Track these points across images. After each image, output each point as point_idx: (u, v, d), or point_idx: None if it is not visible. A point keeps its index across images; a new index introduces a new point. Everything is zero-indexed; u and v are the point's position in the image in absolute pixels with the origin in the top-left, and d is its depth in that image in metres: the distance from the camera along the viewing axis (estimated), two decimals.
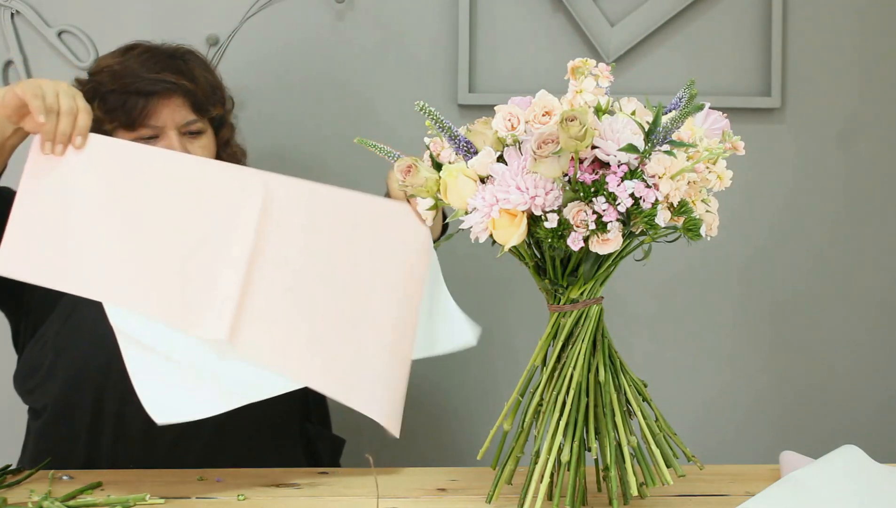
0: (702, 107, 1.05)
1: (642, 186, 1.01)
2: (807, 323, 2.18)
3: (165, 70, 1.57)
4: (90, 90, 1.57)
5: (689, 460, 1.20)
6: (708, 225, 1.10)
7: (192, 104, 1.57)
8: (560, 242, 1.04)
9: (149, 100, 1.55)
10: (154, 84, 1.55)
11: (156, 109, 1.56)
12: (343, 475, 1.31)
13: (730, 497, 1.20)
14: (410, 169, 1.11)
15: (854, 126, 2.17)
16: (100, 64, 1.62)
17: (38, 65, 2.10)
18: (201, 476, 1.29)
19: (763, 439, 2.18)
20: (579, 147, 1.01)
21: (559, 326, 1.13)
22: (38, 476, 1.30)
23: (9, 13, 2.07)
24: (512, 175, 1.05)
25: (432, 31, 2.10)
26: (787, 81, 2.15)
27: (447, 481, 1.27)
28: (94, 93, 1.56)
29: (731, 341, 2.18)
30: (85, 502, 1.17)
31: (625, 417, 1.14)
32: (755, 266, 2.17)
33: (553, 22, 2.12)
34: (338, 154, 2.12)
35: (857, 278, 2.19)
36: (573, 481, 1.13)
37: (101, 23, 2.10)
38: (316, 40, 2.11)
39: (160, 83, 1.55)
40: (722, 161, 1.09)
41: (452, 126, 1.10)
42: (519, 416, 1.17)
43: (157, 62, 1.58)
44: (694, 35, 2.13)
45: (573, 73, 1.08)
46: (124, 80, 1.56)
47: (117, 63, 1.59)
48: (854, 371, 2.18)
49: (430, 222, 1.16)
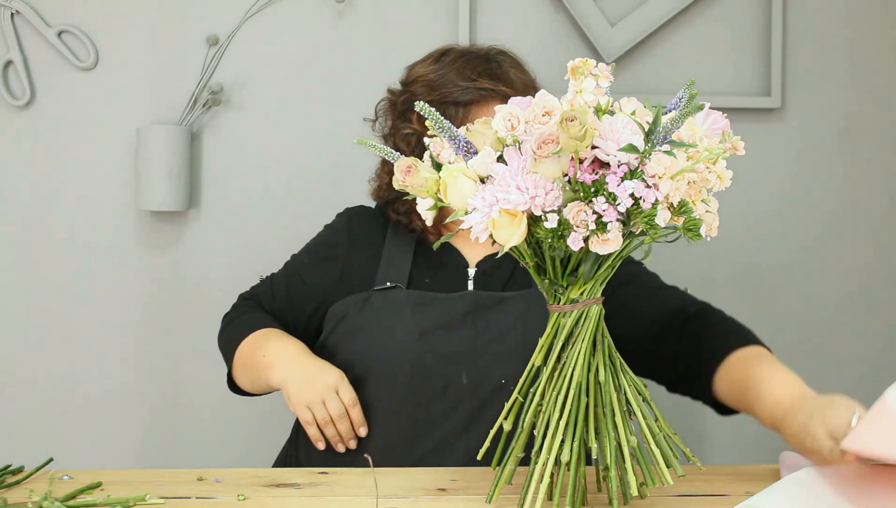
0: (702, 107, 1.05)
1: (642, 186, 1.01)
2: (807, 322, 2.19)
3: (482, 76, 1.55)
4: (405, 101, 1.59)
5: (689, 460, 1.20)
6: (708, 225, 1.09)
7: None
8: (560, 242, 1.04)
9: (468, 108, 1.55)
10: (470, 92, 1.54)
11: (473, 116, 1.54)
12: (343, 475, 1.31)
13: (730, 497, 1.20)
14: (410, 169, 1.11)
15: (854, 126, 2.17)
16: (413, 73, 1.62)
17: (38, 65, 2.10)
18: (201, 477, 1.29)
19: (763, 439, 2.18)
20: (579, 147, 1.01)
21: (559, 326, 1.13)
22: (37, 476, 1.30)
23: (9, 13, 2.07)
24: (512, 175, 1.05)
25: (432, 31, 2.10)
26: (787, 81, 2.15)
27: (447, 481, 1.27)
28: (409, 103, 1.58)
29: None
30: (85, 502, 1.17)
31: (625, 417, 1.14)
32: (755, 265, 2.17)
33: (553, 22, 2.12)
34: (338, 154, 2.12)
35: (856, 277, 2.19)
36: (573, 481, 1.13)
37: (101, 23, 2.10)
38: (316, 40, 2.11)
39: (477, 91, 1.54)
40: (722, 161, 1.09)
41: (452, 126, 1.10)
42: (519, 416, 1.17)
43: (473, 68, 1.57)
44: (694, 35, 2.13)
45: (573, 73, 1.08)
46: (440, 90, 1.56)
47: (431, 72, 1.59)
48: (854, 371, 2.19)
49: (430, 221, 1.16)
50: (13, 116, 2.11)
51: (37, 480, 1.28)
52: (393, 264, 1.58)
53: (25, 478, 1.28)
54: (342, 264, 1.60)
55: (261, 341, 1.54)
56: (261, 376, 1.52)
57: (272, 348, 1.52)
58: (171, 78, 2.11)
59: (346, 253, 1.61)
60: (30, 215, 2.13)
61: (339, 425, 1.45)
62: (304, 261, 1.64)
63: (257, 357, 1.53)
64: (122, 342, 2.14)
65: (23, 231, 2.13)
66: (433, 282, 1.55)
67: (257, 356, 1.53)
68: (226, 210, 2.13)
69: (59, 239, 2.13)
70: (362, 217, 1.66)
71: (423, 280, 1.56)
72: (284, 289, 1.63)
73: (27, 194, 2.13)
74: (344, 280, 1.58)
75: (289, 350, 1.51)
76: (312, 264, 1.63)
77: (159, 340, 2.15)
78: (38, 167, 2.12)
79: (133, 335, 2.14)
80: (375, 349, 1.50)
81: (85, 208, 2.13)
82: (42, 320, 2.15)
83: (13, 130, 2.11)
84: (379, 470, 1.29)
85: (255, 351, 1.54)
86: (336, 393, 1.45)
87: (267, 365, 1.50)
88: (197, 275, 2.15)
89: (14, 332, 2.14)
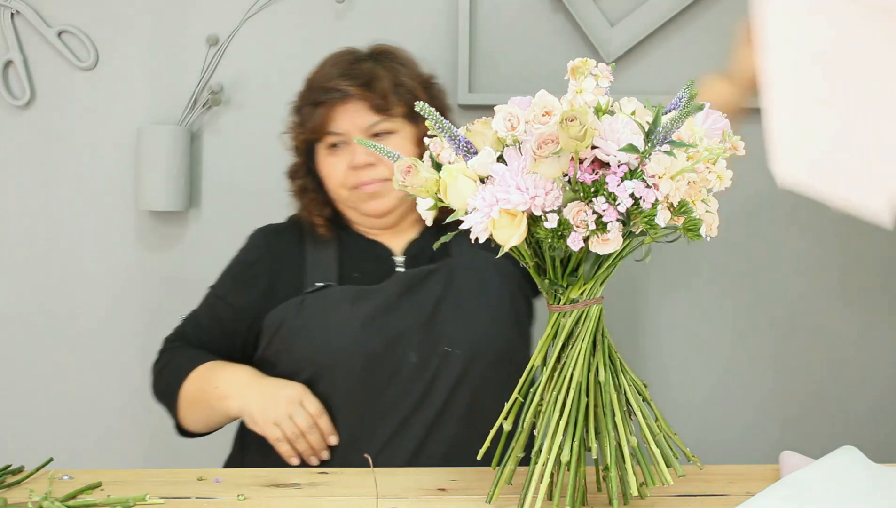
0: (702, 107, 1.05)
1: (642, 186, 1.01)
2: (807, 323, 2.18)
3: (343, 76, 1.59)
4: (294, 108, 1.65)
5: (689, 460, 1.20)
6: (708, 225, 1.10)
7: (372, 106, 1.57)
8: (560, 242, 1.04)
9: (330, 108, 1.58)
10: (328, 93, 1.58)
11: (336, 116, 1.58)
12: (343, 475, 1.31)
13: (730, 497, 1.20)
14: (410, 169, 1.11)
15: None
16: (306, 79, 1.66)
17: (38, 65, 2.10)
18: (201, 477, 1.29)
19: (763, 439, 2.18)
20: (579, 147, 1.01)
21: (559, 326, 1.13)
22: (37, 476, 1.30)
23: (9, 13, 2.07)
24: (512, 175, 1.05)
25: (432, 32, 2.10)
26: None
27: (447, 481, 1.27)
28: (296, 108, 1.65)
29: (731, 340, 2.18)
30: (85, 502, 1.17)
31: (625, 417, 1.14)
32: (755, 266, 2.17)
33: (553, 22, 2.12)
34: None
35: (857, 279, 2.19)
36: (573, 481, 1.13)
37: (101, 23, 2.10)
38: (316, 40, 2.11)
39: (334, 91, 1.58)
40: (722, 161, 1.09)
41: (452, 126, 1.10)
42: (519, 416, 1.17)
43: (340, 68, 1.60)
44: (694, 35, 2.13)
45: (573, 73, 1.08)
46: (310, 93, 1.62)
47: (313, 74, 1.64)
48: (854, 373, 2.19)
49: (430, 222, 1.16)
50: (13, 116, 2.11)
51: (37, 480, 1.28)
52: (320, 267, 1.60)
53: (25, 478, 1.28)
54: (266, 280, 1.61)
55: (206, 374, 1.54)
56: (216, 408, 1.52)
57: (222, 378, 1.52)
58: (171, 78, 2.11)
59: (268, 269, 1.62)
60: (30, 215, 2.13)
61: (310, 436, 1.46)
62: (226, 286, 1.65)
63: (208, 391, 1.53)
64: (121, 342, 2.14)
65: (22, 231, 2.13)
66: (363, 277, 1.58)
67: (208, 391, 1.53)
68: (226, 210, 2.13)
69: (58, 239, 2.13)
70: (278, 232, 1.69)
71: (352, 276, 1.59)
72: (211, 319, 1.64)
73: (27, 193, 2.13)
74: (271, 295, 1.59)
75: (240, 376, 1.52)
76: (235, 287, 1.64)
77: (159, 340, 2.14)
78: (38, 167, 2.12)
79: (133, 334, 2.14)
80: (321, 348, 1.51)
81: (85, 208, 2.13)
82: (42, 319, 2.15)
83: (13, 130, 2.11)
84: (379, 470, 1.29)
85: (203, 386, 1.54)
86: (301, 406, 1.46)
87: (221, 396, 1.51)
88: (197, 275, 2.14)
89: (14, 332, 2.14)
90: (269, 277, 1.61)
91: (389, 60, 1.64)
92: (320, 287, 1.56)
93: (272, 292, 1.59)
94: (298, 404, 1.46)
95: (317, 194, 1.65)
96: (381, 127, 1.58)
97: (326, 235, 1.63)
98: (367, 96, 1.57)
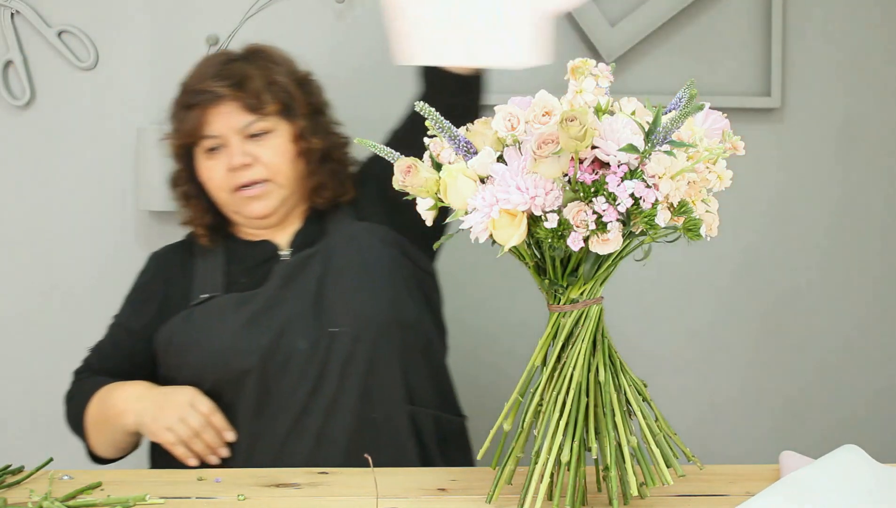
0: (702, 107, 1.05)
1: (642, 186, 1.01)
2: (807, 323, 2.18)
3: (214, 77, 1.58)
4: (170, 114, 1.64)
5: (689, 460, 1.20)
6: (708, 225, 1.09)
7: (245, 106, 1.56)
8: (560, 242, 1.04)
9: (203, 110, 1.57)
10: (200, 95, 1.57)
11: (210, 118, 1.57)
12: (343, 475, 1.31)
13: (730, 497, 1.20)
14: (410, 169, 1.10)
15: (854, 126, 2.17)
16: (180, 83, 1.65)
17: (38, 65, 2.10)
18: (201, 477, 1.29)
19: (763, 439, 2.18)
20: (579, 147, 1.01)
21: (559, 326, 1.13)
22: (37, 476, 1.30)
23: (9, 13, 2.07)
24: (512, 175, 1.05)
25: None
26: (787, 81, 2.15)
27: (447, 481, 1.27)
28: (171, 114, 1.64)
29: (731, 341, 2.18)
30: (85, 502, 1.17)
31: (625, 417, 1.14)
32: (755, 266, 2.17)
33: (553, 22, 2.12)
34: None
35: (856, 278, 2.19)
36: (573, 481, 1.13)
37: (101, 23, 2.10)
38: (316, 40, 2.11)
39: (205, 93, 1.57)
40: (722, 161, 1.09)
41: (452, 126, 1.10)
42: (519, 416, 1.17)
43: (211, 70, 1.60)
44: (694, 35, 2.13)
45: (573, 73, 1.08)
46: (183, 96, 1.61)
47: (186, 78, 1.63)
48: (855, 372, 2.19)
49: (430, 222, 1.15)
50: (13, 116, 2.11)
51: (37, 480, 1.28)
52: (206, 280, 1.61)
53: (25, 478, 1.28)
54: (159, 300, 1.63)
55: (104, 396, 1.56)
56: (117, 427, 1.53)
57: (118, 396, 1.54)
58: (171, 78, 2.10)
59: (159, 289, 1.64)
60: (30, 215, 2.13)
61: (205, 435, 1.47)
62: (124, 312, 1.68)
63: (107, 412, 1.54)
64: None
65: (23, 231, 2.13)
66: (251, 281, 1.59)
67: (107, 411, 1.54)
68: None
69: (59, 239, 2.13)
70: (168, 253, 1.70)
71: (239, 282, 1.59)
72: (112, 345, 1.66)
73: (27, 193, 2.13)
74: (164, 313, 1.60)
75: (133, 390, 1.54)
76: (131, 311, 1.66)
77: None
78: (38, 167, 2.12)
79: None
80: (210, 358, 1.52)
81: (85, 208, 2.13)
82: (42, 319, 2.15)
83: (13, 130, 2.11)
84: (379, 470, 1.29)
85: (102, 408, 1.56)
86: (192, 407, 1.47)
87: (118, 414, 1.52)
88: None
89: (14, 332, 2.14)
90: (159, 296, 1.63)
91: (262, 59, 1.63)
92: (204, 299, 1.58)
93: (164, 310, 1.61)
94: (189, 406, 1.47)
95: (199, 201, 1.65)
96: (257, 127, 1.57)
97: (209, 244, 1.64)
98: (240, 96, 1.56)
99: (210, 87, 1.57)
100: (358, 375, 1.51)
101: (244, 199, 1.59)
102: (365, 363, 1.51)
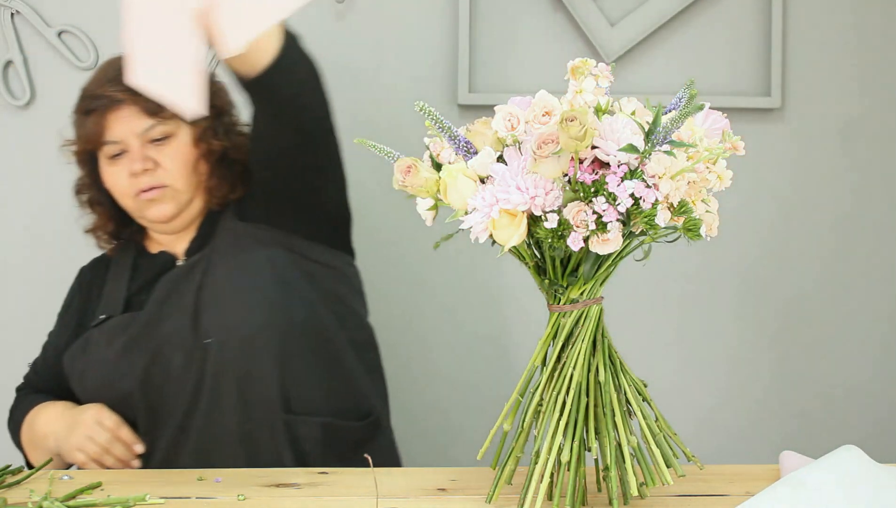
0: (702, 107, 1.05)
1: (642, 186, 1.01)
2: (807, 323, 2.18)
3: (112, 81, 1.53)
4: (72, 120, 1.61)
5: (689, 460, 1.20)
6: (708, 225, 1.10)
7: (144, 110, 1.53)
8: (560, 242, 1.04)
9: (102, 116, 1.54)
10: (98, 100, 1.54)
11: (109, 123, 1.54)
12: (343, 475, 1.31)
13: (730, 497, 1.20)
14: (410, 169, 1.10)
15: (854, 126, 2.17)
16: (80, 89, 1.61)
17: (38, 65, 2.10)
18: (201, 476, 1.29)
19: (763, 439, 2.18)
20: (579, 147, 1.01)
21: (559, 326, 1.13)
22: (38, 476, 1.30)
23: (9, 13, 2.07)
24: (512, 175, 1.05)
25: (432, 32, 2.10)
26: (787, 81, 2.15)
27: (447, 481, 1.27)
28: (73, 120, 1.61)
29: (731, 341, 2.18)
30: (85, 502, 1.17)
31: (625, 417, 1.14)
32: (755, 266, 2.17)
33: (553, 22, 2.12)
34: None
35: (857, 278, 2.19)
36: (573, 481, 1.13)
37: (101, 23, 2.10)
38: (316, 40, 2.11)
39: (103, 98, 1.54)
40: (722, 161, 1.09)
41: (452, 126, 1.10)
42: (519, 416, 1.17)
43: (109, 74, 1.55)
44: (694, 35, 2.13)
45: (573, 73, 1.08)
46: (82, 102, 1.58)
47: (85, 84, 1.60)
48: (855, 372, 2.19)
49: (430, 222, 1.15)
50: (13, 116, 2.11)
51: (37, 480, 1.28)
52: (111, 297, 1.60)
53: (25, 478, 1.28)
54: (78, 315, 1.63)
55: (31, 420, 1.57)
56: (45, 449, 1.53)
57: (41, 419, 1.55)
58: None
59: (79, 306, 1.64)
60: (30, 215, 2.13)
61: (114, 450, 1.47)
62: (55, 329, 1.68)
63: (34, 435, 1.56)
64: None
65: (23, 231, 2.13)
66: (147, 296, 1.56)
67: (34, 434, 1.56)
68: None
69: (59, 239, 2.13)
70: (91, 266, 1.70)
71: (139, 298, 1.58)
72: (44, 363, 1.66)
73: (27, 193, 2.12)
74: (79, 332, 1.60)
75: (52, 413, 1.55)
76: (59, 327, 1.67)
77: None
78: (38, 167, 2.12)
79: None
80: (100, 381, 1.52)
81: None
82: (42, 319, 2.14)
83: (13, 130, 2.11)
84: (379, 470, 1.29)
85: (30, 430, 1.57)
86: (99, 424, 1.47)
87: (42, 437, 1.53)
88: None
89: (14, 331, 2.14)
90: (78, 314, 1.63)
91: None
92: (101, 320, 1.57)
93: (80, 329, 1.61)
94: (95, 423, 1.47)
95: (104, 208, 1.64)
96: (158, 131, 1.53)
97: (114, 255, 1.64)
98: (138, 100, 1.51)
99: (108, 91, 1.53)
100: (231, 385, 1.47)
101: (145, 202, 1.55)
102: (237, 373, 1.47)
